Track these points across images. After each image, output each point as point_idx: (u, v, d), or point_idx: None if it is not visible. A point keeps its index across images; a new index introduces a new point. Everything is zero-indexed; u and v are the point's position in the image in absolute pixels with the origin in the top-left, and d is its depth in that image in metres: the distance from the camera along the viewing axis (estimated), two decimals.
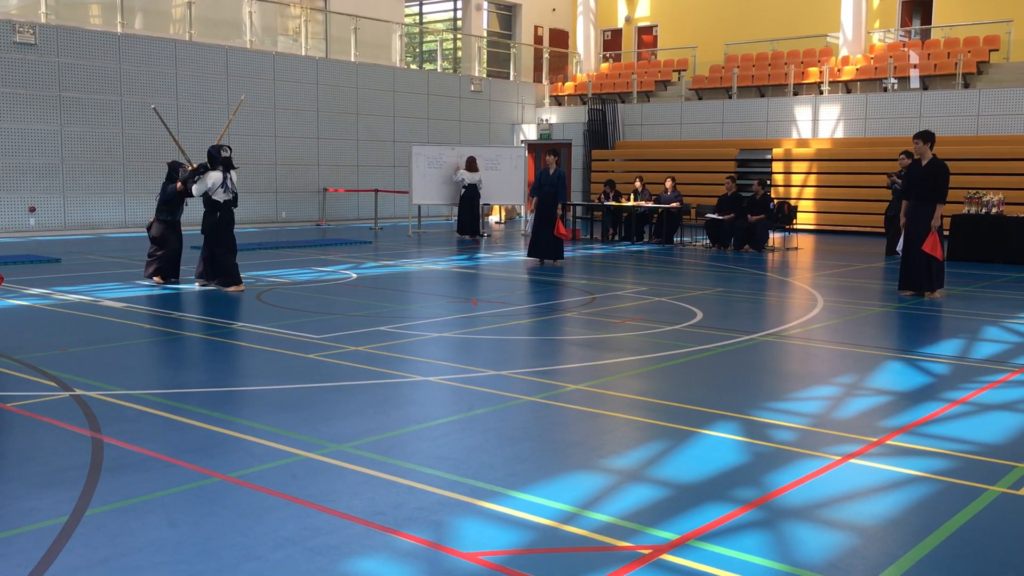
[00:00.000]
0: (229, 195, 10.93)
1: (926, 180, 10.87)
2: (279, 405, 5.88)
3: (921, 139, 10.94)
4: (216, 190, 10.80)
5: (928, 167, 10.91)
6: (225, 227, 10.99)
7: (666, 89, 27.68)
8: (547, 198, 14.58)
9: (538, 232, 14.62)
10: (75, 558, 3.56)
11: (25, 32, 18.18)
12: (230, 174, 10.94)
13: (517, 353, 7.82)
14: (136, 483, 4.39)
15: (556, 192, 14.59)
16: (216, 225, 10.94)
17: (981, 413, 5.93)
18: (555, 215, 14.48)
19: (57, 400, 5.91)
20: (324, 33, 24.39)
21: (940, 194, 10.84)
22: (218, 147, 10.91)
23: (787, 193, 22.59)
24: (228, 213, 11.02)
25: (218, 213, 10.91)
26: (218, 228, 10.94)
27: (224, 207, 10.94)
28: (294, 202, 22.90)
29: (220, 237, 10.95)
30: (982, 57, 22.54)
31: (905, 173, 11.20)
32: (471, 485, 4.45)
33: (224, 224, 10.99)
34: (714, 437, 5.30)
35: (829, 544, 3.81)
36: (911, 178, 11.09)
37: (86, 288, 11.08)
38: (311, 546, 3.70)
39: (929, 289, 11.04)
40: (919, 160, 11.02)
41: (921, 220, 10.91)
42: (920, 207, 10.95)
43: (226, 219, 11.00)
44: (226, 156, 10.90)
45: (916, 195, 11.00)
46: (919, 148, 10.95)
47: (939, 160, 10.98)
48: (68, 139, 18.95)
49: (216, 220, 10.92)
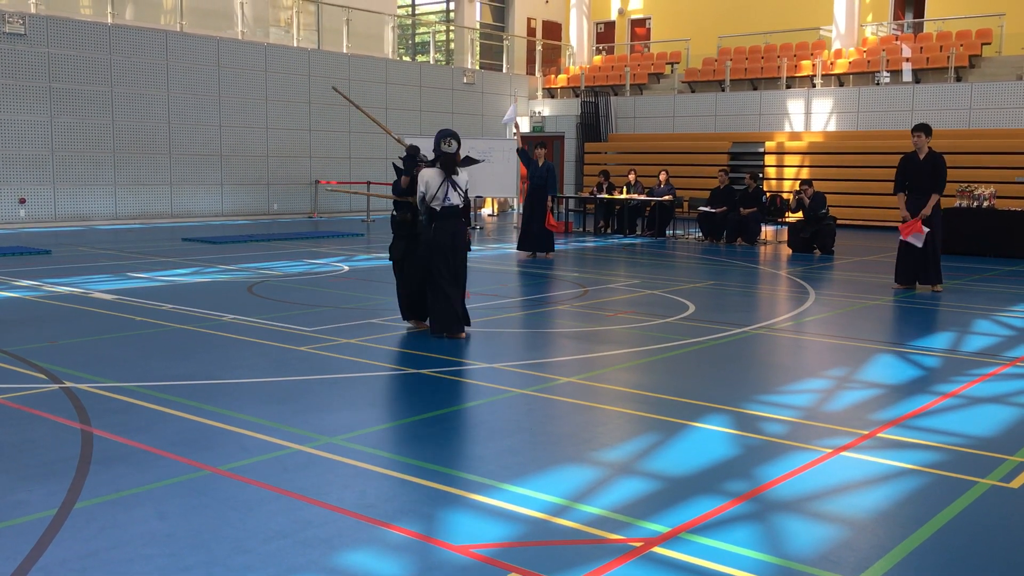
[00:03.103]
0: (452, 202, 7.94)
1: (926, 173, 10.83)
2: (270, 397, 5.86)
3: (923, 132, 10.87)
4: (434, 197, 7.89)
5: (927, 160, 10.85)
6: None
7: (659, 82, 27.66)
8: (536, 191, 14.53)
9: (528, 225, 14.58)
10: (65, 551, 3.54)
11: (14, 22, 18.05)
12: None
13: (509, 346, 7.81)
14: (126, 476, 4.37)
15: (545, 184, 14.53)
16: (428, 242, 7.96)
17: (972, 406, 5.95)
18: (545, 207, 14.44)
19: (47, 392, 5.88)
20: (316, 24, 24.29)
21: (939, 186, 10.81)
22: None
23: (779, 186, 22.61)
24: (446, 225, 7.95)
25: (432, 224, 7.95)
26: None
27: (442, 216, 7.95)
28: (286, 194, 22.83)
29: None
30: (974, 51, 22.57)
31: (901, 166, 11.10)
32: (462, 478, 4.45)
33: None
34: (705, 430, 5.31)
35: (820, 536, 3.81)
36: (909, 171, 11.00)
37: (76, 280, 11.03)
38: (302, 539, 3.69)
39: (928, 282, 10.99)
40: (915, 153, 10.96)
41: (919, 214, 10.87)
42: (917, 200, 10.90)
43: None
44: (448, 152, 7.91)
45: (915, 188, 10.95)
46: (919, 141, 10.87)
47: (937, 153, 10.93)
48: (58, 130, 18.84)
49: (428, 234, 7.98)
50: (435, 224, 7.83)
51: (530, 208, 14.53)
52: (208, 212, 21.43)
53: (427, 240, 7.85)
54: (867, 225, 21.26)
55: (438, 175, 7.83)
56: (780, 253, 15.92)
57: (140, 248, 14.93)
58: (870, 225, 21.22)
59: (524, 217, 14.72)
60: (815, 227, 15.68)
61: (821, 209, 15.76)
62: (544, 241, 14.49)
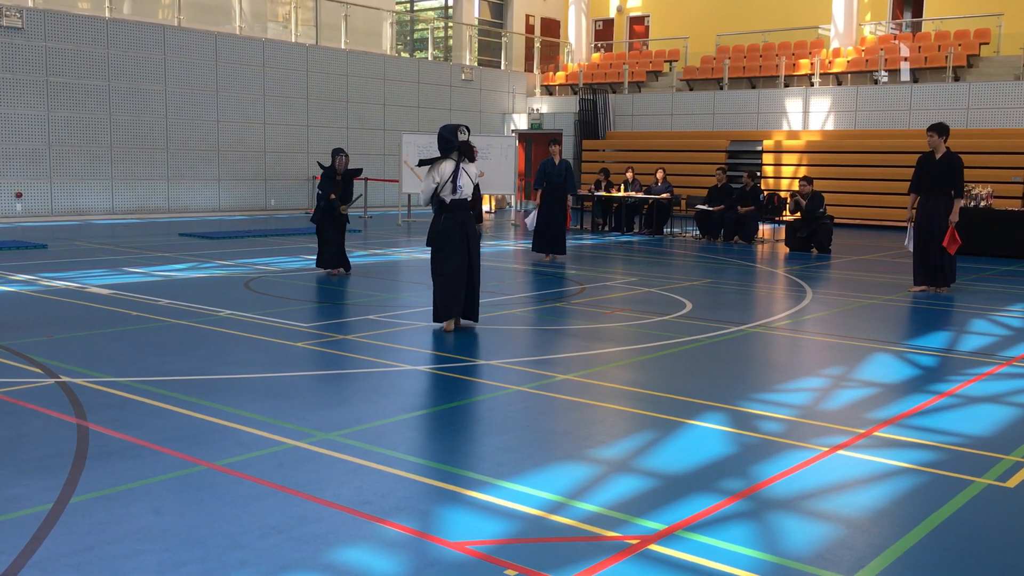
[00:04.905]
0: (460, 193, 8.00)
1: (940, 174, 10.58)
2: (266, 393, 5.85)
3: (936, 132, 10.65)
4: (445, 186, 7.99)
5: (943, 160, 10.61)
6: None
7: (657, 80, 27.65)
8: (555, 190, 13.75)
9: (544, 226, 13.78)
10: (60, 546, 3.53)
11: (12, 16, 18.00)
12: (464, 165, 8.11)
13: (506, 343, 7.81)
14: (122, 471, 4.36)
15: (564, 182, 13.75)
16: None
17: (968, 405, 5.95)
18: (565, 208, 13.70)
19: (42, 387, 5.87)
20: (314, 20, 24.25)
21: (957, 188, 10.58)
22: (454, 128, 8.14)
23: (777, 185, 22.61)
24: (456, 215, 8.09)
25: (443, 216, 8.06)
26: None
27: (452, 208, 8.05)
28: (283, 190, 22.80)
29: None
30: (972, 50, 22.57)
31: (918, 166, 10.87)
32: (459, 474, 4.44)
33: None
34: (702, 428, 5.30)
35: (816, 535, 3.81)
36: (924, 172, 10.75)
37: (72, 274, 11.01)
38: (297, 535, 3.68)
39: (944, 284, 10.82)
40: (932, 153, 10.71)
41: (934, 214, 10.67)
42: (933, 201, 10.68)
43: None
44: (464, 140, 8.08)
45: (929, 189, 10.70)
46: (933, 141, 10.64)
47: (953, 153, 10.67)
48: (55, 124, 18.80)
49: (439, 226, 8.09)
50: (444, 215, 7.98)
51: (550, 208, 13.74)
52: (205, 207, 21.40)
53: (437, 230, 8.01)
54: (864, 224, 21.28)
55: (451, 166, 7.97)
56: (777, 252, 15.93)
57: (137, 243, 14.91)
58: (867, 224, 21.24)
59: (543, 218, 13.83)
60: (812, 226, 15.68)
61: (819, 208, 15.76)
62: (561, 242, 13.88)
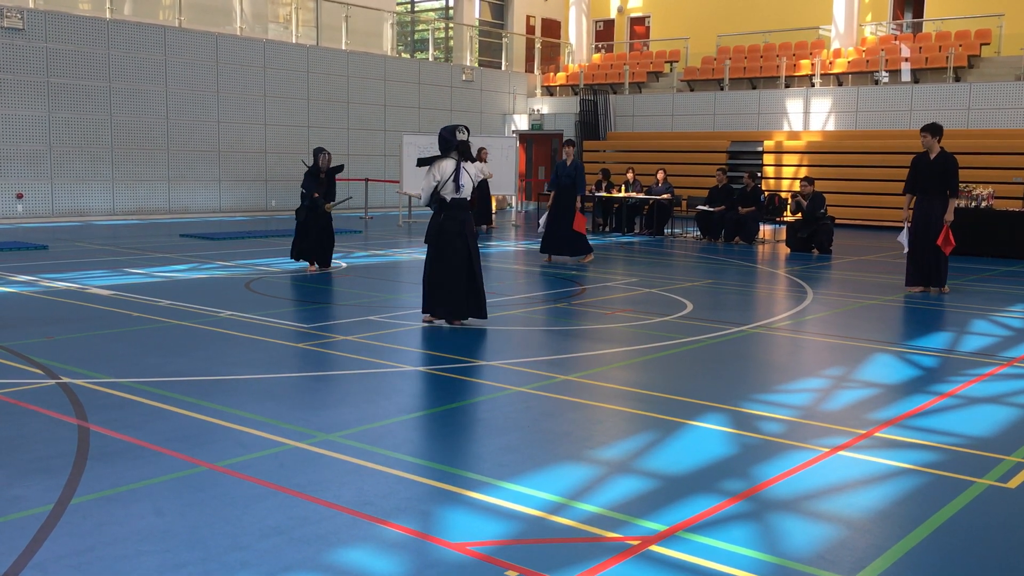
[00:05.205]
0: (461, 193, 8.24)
1: (935, 174, 10.59)
2: (267, 394, 5.85)
3: (929, 132, 10.65)
4: (446, 184, 8.19)
5: (937, 160, 10.62)
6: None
7: (658, 80, 27.65)
8: (565, 191, 13.67)
9: (552, 226, 13.74)
10: (61, 547, 3.53)
11: (13, 17, 18.01)
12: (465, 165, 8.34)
13: (506, 343, 7.81)
14: (122, 472, 4.36)
15: (575, 183, 13.67)
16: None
17: (969, 406, 5.95)
18: (573, 209, 13.62)
19: (43, 388, 5.87)
20: (315, 21, 24.26)
21: (952, 188, 10.59)
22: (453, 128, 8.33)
23: (778, 185, 22.61)
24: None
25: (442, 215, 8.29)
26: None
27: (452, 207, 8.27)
28: (284, 190, 22.80)
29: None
30: (973, 51, 22.57)
31: (912, 166, 10.89)
32: (460, 475, 4.44)
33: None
34: (703, 428, 5.30)
35: (817, 536, 3.81)
36: (918, 172, 10.76)
37: (73, 275, 11.01)
38: (298, 536, 3.68)
39: (938, 284, 10.84)
40: (926, 154, 10.74)
41: (930, 214, 10.67)
42: (928, 201, 10.69)
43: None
44: (463, 140, 8.26)
45: (924, 189, 10.71)
46: (927, 141, 10.66)
47: (948, 153, 10.68)
48: (56, 125, 18.81)
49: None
50: (444, 213, 8.21)
51: (558, 209, 13.67)
52: (206, 208, 21.41)
53: (437, 228, 8.22)
54: (865, 225, 21.27)
55: (452, 164, 8.16)
56: (778, 252, 15.92)
57: (137, 244, 14.91)
58: (868, 225, 21.24)
59: (550, 218, 13.77)
60: (813, 227, 15.68)
61: (819, 209, 15.76)
62: (575, 244, 13.69)
